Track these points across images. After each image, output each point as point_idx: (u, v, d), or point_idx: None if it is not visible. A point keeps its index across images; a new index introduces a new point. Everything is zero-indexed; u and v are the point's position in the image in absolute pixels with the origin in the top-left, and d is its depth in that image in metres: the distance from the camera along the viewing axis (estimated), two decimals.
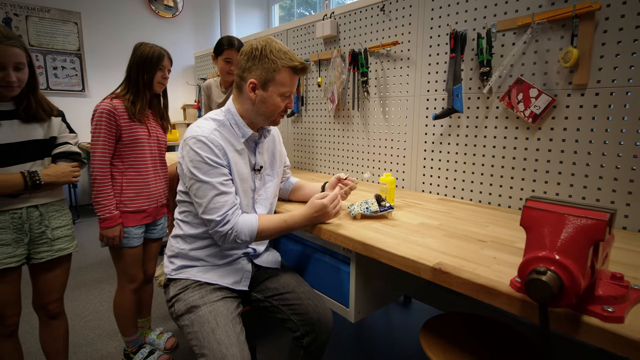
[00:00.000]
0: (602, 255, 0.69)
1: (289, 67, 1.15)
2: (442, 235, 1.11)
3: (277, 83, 1.16)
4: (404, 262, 0.96)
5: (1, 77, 1.17)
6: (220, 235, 1.13)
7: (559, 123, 1.30)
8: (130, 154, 1.60)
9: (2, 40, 1.15)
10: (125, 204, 1.60)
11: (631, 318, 0.66)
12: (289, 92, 1.19)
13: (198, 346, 1.05)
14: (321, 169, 2.36)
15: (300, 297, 1.25)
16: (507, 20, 1.38)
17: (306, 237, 1.39)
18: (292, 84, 1.19)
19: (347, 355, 1.86)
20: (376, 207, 1.27)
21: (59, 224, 1.37)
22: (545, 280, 0.57)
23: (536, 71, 1.33)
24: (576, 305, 0.68)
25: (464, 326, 1.16)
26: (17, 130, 1.26)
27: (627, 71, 1.15)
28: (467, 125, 1.56)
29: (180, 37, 5.01)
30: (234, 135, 1.22)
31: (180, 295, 1.18)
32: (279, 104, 1.19)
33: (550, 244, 0.61)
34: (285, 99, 1.20)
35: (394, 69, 1.82)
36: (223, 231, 1.12)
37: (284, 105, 1.20)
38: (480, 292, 0.81)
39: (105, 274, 2.70)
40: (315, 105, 2.31)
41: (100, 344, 1.92)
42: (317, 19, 2.16)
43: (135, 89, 1.60)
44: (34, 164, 1.30)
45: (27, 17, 3.96)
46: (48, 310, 1.43)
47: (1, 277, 1.24)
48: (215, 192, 1.12)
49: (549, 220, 0.63)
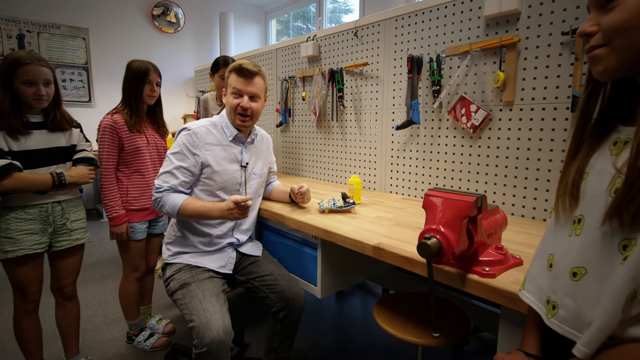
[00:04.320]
0: (485, 230, 0.94)
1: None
2: (391, 225, 1.36)
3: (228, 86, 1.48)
4: (353, 243, 1.21)
5: (33, 92, 1.43)
6: (153, 199, 1.43)
7: (494, 133, 1.56)
8: (133, 161, 1.85)
9: (33, 61, 1.43)
10: (131, 202, 1.86)
11: (503, 276, 0.91)
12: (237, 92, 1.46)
13: (188, 314, 1.29)
14: (306, 174, 2.61)
15: (277, 279, 1.49)
16: (453, 47, 1.64)
17: (286, 229, 1.64)
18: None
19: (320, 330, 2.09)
20: (341, 203, 1.52)
21: (76, 217, 1.63)
22: (429, 243, 0.82)
23: (476, 90, 1.60)
24: (463, 266, 0.93)
25: (409, 302, 1.40)
26: (45, 138, 1.52)
27: (542, 91, 1.41)
28: (425, 134, 1.82)
29: (181, 51, 5.31)
30: (223, 134, 1.50)
31: (175, 275, 1.43)
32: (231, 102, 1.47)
33: (437, 219, 0.86)
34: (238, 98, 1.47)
35: (366, 86, 2.09)
36: (155, 197, 1.42)
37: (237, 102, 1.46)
38: (404, 262, 1.06)
39: (108, 270, 2.94)
40: (301, 116, 2.57)
41: (105, 329, 2.16)
42: (302, 40, 2.43)
43: (129, 103, 1.83)
44: (58, 166, 1.55)
45: (39, 33, 4.26)
46: (64, 293, 1.67)
47: (30, 260, 1.49)
48: (169, 168, 1.42)
49: (437, 203, 0.88)
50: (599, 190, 0.56)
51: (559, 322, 0.59)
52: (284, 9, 5.84)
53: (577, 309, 0.57)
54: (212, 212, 1.39)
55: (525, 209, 1.50)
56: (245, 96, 1.46)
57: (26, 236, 1.47)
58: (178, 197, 1.41)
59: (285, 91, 2.62)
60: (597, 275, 0.55)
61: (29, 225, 1.48)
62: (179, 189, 1.43)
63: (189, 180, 1.45)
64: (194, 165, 1.44)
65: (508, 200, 1.54)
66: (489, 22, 1.53)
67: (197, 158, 1.44)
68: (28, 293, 1.52)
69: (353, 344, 2.06)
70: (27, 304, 1.54)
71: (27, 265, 1.49)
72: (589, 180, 0.60)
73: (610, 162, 0.57)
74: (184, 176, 1.43)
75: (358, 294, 2.65)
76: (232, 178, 1.51)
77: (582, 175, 0.62)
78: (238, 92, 1.45)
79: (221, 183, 1.49)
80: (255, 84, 1.46)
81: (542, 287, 0.65)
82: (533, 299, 0.67)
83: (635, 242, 0.50)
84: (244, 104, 1.45)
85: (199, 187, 1.48)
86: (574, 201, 0.61)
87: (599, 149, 0.61)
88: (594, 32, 0.55)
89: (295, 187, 1.58)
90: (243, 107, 1.45)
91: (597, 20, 0.55)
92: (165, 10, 5.10)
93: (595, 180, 0.59)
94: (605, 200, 0.55)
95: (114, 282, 2.73)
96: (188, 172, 1.43)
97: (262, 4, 6.03)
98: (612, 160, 0.57)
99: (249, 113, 1.47)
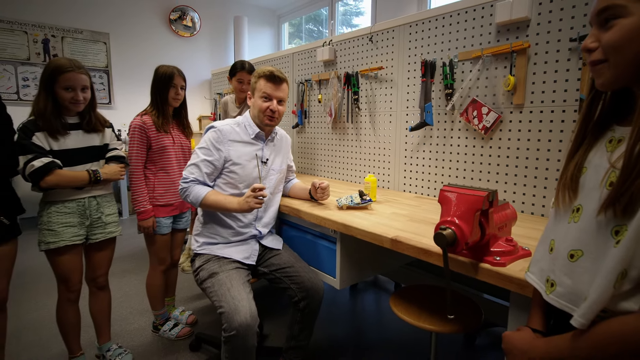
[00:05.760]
0: (496, 223, 1.02)
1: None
2: (406, 220, 1.45)
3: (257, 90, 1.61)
4: (372, 237, 1.30)
5: (72, 96, 1.55)
6: (180, 188, 1.57)
7: (504, 134, 1.64)
8: (160, 159, 1.97)
9: (74, 69, 1.55)
10: (157, 198, 1.97)
11: (512, 265, 0.98)
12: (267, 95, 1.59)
13: (217, 300, 1.39)
14: (321, 173, 2.71)
15: (298, 271, 1.59)
16: (465, 52, 1.72)
17: (304, 224, 1.73)
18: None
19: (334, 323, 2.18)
20: (358, 200, 1.61)
21: (110, 211, 1.74)
22: (445, 234, 0.91)
23: (487, 93, 1.67)
24: (475, 256, 1.01)
25: (424, 294, 1.48)
26: (81, 138, 1.64)
27: (551, 94, 1.48)
28: (437, 135, 1.90)
29: (197, 54, 5.46)
30: (245, 133, 1.63)
31: (204, 265, 1.54)
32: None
33: (452, 212, 0.95)
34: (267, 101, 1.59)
35: (380, 89, 2.17)
36: (181, 186, 1.56)
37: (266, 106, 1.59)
38: (420, 253, 1.14)
39: (130, 265, 3.07)
40: (316, 118, 2.67)
41: (132, 319, 2.28)
42: (318, 45, 2.53)
43: (157, 105, 1.95)
44: (93, 164, 1.67)
45: (63, 38, 4.44)
46: (97, 283, 1.79)
47: (70, 251, 1.61)
48: (195, 161, 1.56)
49: (452, 198, 0.96)
50: (596, 183, 0.65)
51: (557, 298, 0.67)
52: (296, 12, 5.96)
53: (573, 286, 0.65)
54: (230, 204, 1.50)
55: (534, 206, 1.57)
56: (274, 100, 1.58)
57: (66, 228, 1.59)
58: (202, 189, 1.53)
59: (301, 94, 2.72)
60: (592, 257, 0.63)
61: (68, 218, 1.60)
62: (203, 181, 1.56)
63: (212, 172, 1.57)
64: (217, 160, 1.56)
65: (518, 198, 1.61)
66: (500, 28, 1.60)
67: (221, 153, 1.56)
68: (70, 283, 1.64)
69: (366, 337, 2.15)
70: (70, 293, 1.66)
71: (67, 256, 1.61)
72: (587, 174, 0.68)
73: (606, 158, 0.65)
74: (208, 168, 1.56)
75: (371, 290, 2.74)
76: (253, 172, 1.62)
77: (581, 169, 0.70)
78: (268, 96, 1.57)
79: (242, 176, 1.60)
80: (283, 90, 1.60)
81: (543, 268, 0.74)
82: (535, 279, 0.75)
83: (626, 228, 0.58)
84: (273, 107, 1.58)
85: (222, 180, 1.60)
86: (573, 193, 0.69)
87: (596, 146, 0.69)
88: (595, 47, 0.63)
89: (317, 182, 1.68)
90: (272, 110, 1.58)
91: (598, 37, 0.63)
92: (181, 14, 5.25)
93: (592, 174, 0.67)
94: (600, 192, 0.63)
95: (136, 276, 2.85)
96: (212, 165, 1.56)
97: (275, 8, 6.16)
98: (607, 156, 0.65)
99: (276, 115, 1.59)
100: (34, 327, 2.17)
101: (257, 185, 1.44)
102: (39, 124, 1.53)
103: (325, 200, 1.72)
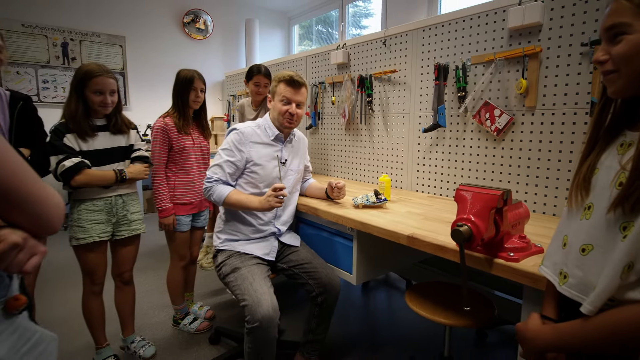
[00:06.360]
0: (510, 221, 1.07)
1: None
2: (420, 219, 1.50)
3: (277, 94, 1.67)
4: (388, 234, 1.35)
5: (101, 100, 1.64)
6: (204, 188, 1.64)
7: (516, 136, 1.68)
8: (180, 159, 2.05)
9: (103, 74, 1.63)
10: (178, 197, 2.05)
11: (525, 261, 1.03)
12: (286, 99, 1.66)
13: (240, 294, 1.46)
14: (334, 173, 2.77)
15: (316, 267, 1.65)
16: (478, 56, 1.77)
17: (321, 222, 1.79)
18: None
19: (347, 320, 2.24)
20: (374, 199, 1.67)
21: (135, 209, 1.82)
22: (461, 230, 0.96)
23: (499, 96, 1.72)
24: (490, 252, 1.06)
25: (438, 290, 1.54)
26: (108, 139, 1.73)
27: (563, 97, 1.52)
28: (450, 137, 1.95)
29: (209, 57, 5.56)
30: (265, 134, 1.70)
31: (226, 261, 1.61)
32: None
33: (468, 210, 1.00)
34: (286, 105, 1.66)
35: (393, 92, 2.23)
36: (205, 185, 1.63)
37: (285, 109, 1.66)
38: (436, 249, 1.20)
39: (148, 262, 3.17)
40: (330, 119, 2.73)
41: (152, 313, 2.36)
42: (332, 48, 2.59)
43: (178, 108, 2.03)
44: (119, 164, 1.75)
45: (81, 41, 4.56)
46: (123, 277, 1.87)
47: (97, 247, 1.69)
48: (219, 162, 1.64)
49: (467, 197, 1.02)
50: (606, 183, 0.70)
51: (569, 288, 0.73)
52: (307, 15, 6.03)
53: (584, 278, 0.70)
54: (252, 203, 1.58)
55: (546, 206, 1.61)
56: (294, 104, 1.65)
57: (94, 225, 1.67)
58: (225, 188, 1.60)
59: (315, 96, 2.78)
60: (601, 251, 0.68)
61: (96, 215, 1.68)
62: (226, 180, 1.63)
63: (234, 172, 1.64)
64: (239, 160, 1.64)
65: (530, 198, 1.66)
66: (512, 33, 1.65)
67: (243, 154, 1.64)
68: (95, 277, 1.73)
69: (379, 333, 2.20)
70: (95, 286, 1.74)
71: (94, 251, 1.69)
72: (599, 174, 0.74)
73: (617, 160, 0.70)
74: (231, 169, 1.63)
75: (382, 289, 2.79)
76: (272, 172, 1.68)
77: (593, 170, 0.75)
78: (287, 99, 1.64)
79: (263, 176, 1.67)
80: (302, 94, 1.67)
81: (556, 261, 0.79)
82: (549, 272, 0.81)
83: (633, 224, 0.63)
84: (292, 110, 1.65)
85: (243, 180, 1.67)
86: (586, 193, 0.75)
87: (608, 149, 0.74)
88: (605, 60, 0.69)
89: (333, 181, 1.74)
90: (291, 113, 1.65)
91: (608, 50, 0.69)
92: (195, 17, 5.35)
93: (604, 175, 0.72)
94: (610, 191, 0.68)
95: (155, 273, 2.94)
96: (234, 165, 1.63)
97: (286, 10, 6.23)
98: (618, 158, 0.70)
99: (295, 118, 1.66)
100: (60, 320, 2.26)
101: (277, 185, 1.51)
102: (70, 127, 1.61)
103: (341, 199, 1.78)
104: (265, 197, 1.53)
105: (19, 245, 0.53)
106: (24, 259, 0.54)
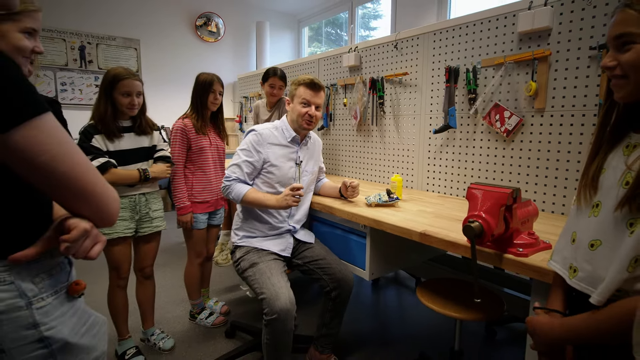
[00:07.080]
0: (519, 218, 1.12)
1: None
2: (432, 217, 1.55)
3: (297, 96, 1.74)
4: (401, 231, 1.41)
5: (128, 102, 1.72)
6: (222, 186, 1.71)
7: (526, 137, 1.73)
8: (198, 159, 2.12)
9: (130, 77, 1.71)
10: (195, 196, 2.13)
11: (534, 256, 1.08)
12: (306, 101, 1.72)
13: (258, 287, 1.53)
14: (346, 173, 2.83)
15: (330, 263, 1.71)
16: (488, 59, 1.82)
17: (334, 220, 1.85)
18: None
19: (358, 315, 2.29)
20: (386, 197, 1.73)
21: (157, 207, 1.90)
22: (473, 226, 1.02)
23: (509, 98, 1.76)
24: (500, 248, 1.12)
25: (448, 286, 1.59)
26: (133, 140, 1.81)
27: (571, 99, 1.56)
28: (460, 138, 2.00)
29: (221, 59, 5.66)
30: (282, 136, 1.77)
31: (244, 256, 1.68)
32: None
33: (479, 207, 1.06)
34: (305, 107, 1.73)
35: (404, 93, 2.28)
36: (224, 184, 1.70)
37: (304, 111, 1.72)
38: (448, 246, 1.25)
39: (164, 260, 3.26)
40: (341, 121, 2.79)
41: (169, 308, 2.44)
42: (343, 51, 2.66)
43: (197, 109, 2.11)
44: (143, 164, 1.83)
45: (97, 44, 4.69)
46: (144, 272, 1.95)
47: (122, 242, 1.77)
48: (237, 161, 1.70)
49: (478, 195, 1.07)
50: (614, 182, 0.75)
51: (578, 282, 0.78)
52: (316, 17, 6.10)
53: (593, 271, 0.75)
54: (269, 201, 1.64)
55: (554, 205, 1.65)
56: (313, 106, 1.71)
57: (119, 222, 1.76)
58: (243, 187, 1.67)
59: (327, 97, 2.85)
60: (609, 246, 0.73)
61: (121, 212, 1.77)
62: (244, 180, 1.70)
63: (252, 172, 1.71)
64: (257, 161, 1.71)
65: (539, 197, 1.70)
66: (522, 37, 1.69)
67: (260, 155, 1.71)
68: (121, 270, 1.81)
69: (389, 330, 2.25)
70: (120, 280, 1.83)
71: (119, 246, 1.78)
72: (606, 174, 0.79)
73: (623, 161, 0.75)
74: (248, 168, 1.70)
75: (392, 286, 2.84)
76: (288, 173, 1.75)
77: (600, 170, 0.80)
78: (307, 102, 1.71)
79: (279, 176, 1.74)
80: (320, 96, 1.73)
81: (566, 256, 0.84)
82: (559, 266, 0.86)
83: (639, 221, 0.68)
84: (312, 112, 1.71)
85: (260, 179, 1.74)
86: (594, 191, 0.80)
87: (614, 150, 0.79)
88: (614, 66, 0.74)
89: (347, 181, 1.80)
90: (310, 115, 1.71)
91: (616, 57, 0.73)
92: (207, 20, 5.45)
93: (610, 174, 0.77)
94: (617, 190, 0.73)
95: (171, 269, 3.03)
96: (252, 165, 1.70)
97: (296, 13, 6.31)
98: (624, 159, 0.75)
99: (313, 120, 1.73)
100: None
101: (295, 185, 1.57)
102: (98, 128, 1.70)
103: (355, 198, 1.84)
104: (282, 195, 1.60)
105: (88, 232, 0.59)
106: (89, 245, 0.61)
